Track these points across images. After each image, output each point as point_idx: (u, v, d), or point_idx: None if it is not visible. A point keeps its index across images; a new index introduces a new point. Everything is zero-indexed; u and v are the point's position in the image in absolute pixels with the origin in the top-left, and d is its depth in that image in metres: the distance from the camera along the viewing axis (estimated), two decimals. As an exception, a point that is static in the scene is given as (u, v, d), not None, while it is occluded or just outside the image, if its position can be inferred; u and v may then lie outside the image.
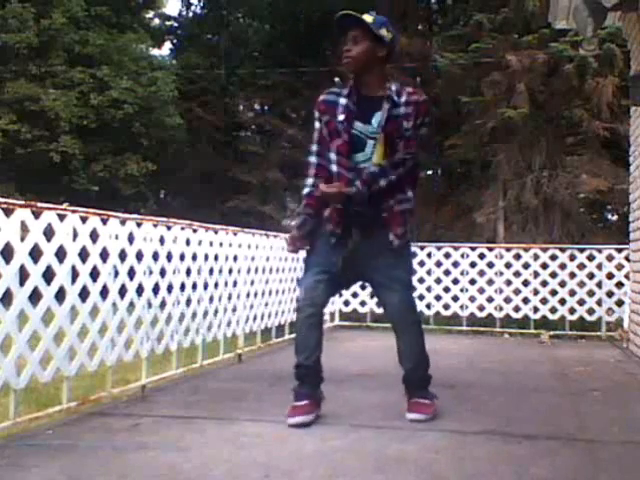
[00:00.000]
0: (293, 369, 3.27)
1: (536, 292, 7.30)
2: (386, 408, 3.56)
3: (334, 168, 3.21)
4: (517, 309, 7.40)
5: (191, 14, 21.73)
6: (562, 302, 7.27)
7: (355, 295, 7.60)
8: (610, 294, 7.07)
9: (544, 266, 7.27)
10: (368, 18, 3.16)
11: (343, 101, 3.20)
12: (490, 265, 7.44)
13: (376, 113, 3.15)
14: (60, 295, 3.18)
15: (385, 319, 3.66)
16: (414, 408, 3.28)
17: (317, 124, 3.29)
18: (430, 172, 16.30)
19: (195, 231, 4.53)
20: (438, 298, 7.47)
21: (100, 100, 15.35)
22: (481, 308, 7.48)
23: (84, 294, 3.37)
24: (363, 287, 7.15)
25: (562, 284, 7.31)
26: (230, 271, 5.03)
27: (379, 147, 3.15)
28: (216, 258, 4.80)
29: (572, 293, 7.30)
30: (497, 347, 6.52)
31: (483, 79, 13.17)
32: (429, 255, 7.45)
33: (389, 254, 3.20)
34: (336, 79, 3.35)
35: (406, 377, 3.34)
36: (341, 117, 3.17)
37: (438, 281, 7.47)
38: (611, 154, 13.12)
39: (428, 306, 7.46)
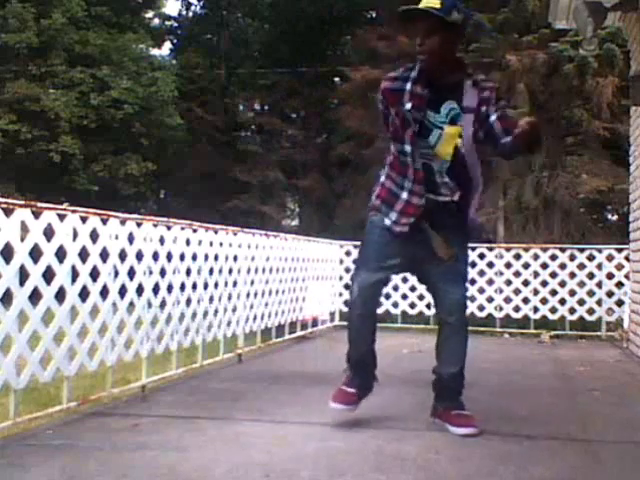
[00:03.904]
0: (345, 356, 3.21)
1: (536, 292, 7.30)
2: (386, 408, 3.55)
3: (408, 160, 3.00)
4: (517, 309, 7.40)
5: (191, 14, 21.78)
6: (562, 302, 7.27)
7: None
8: (610, 294, 7.07)
9: (544, 266, 7.27)
10: (435, 3, 2.85)
11: (409, 86, 2.96)
12: (490, 265, 7.43)
13: (447, 101, 2.95)
14: (60, 295, 3.18)
15: (383, 319, 3.61)
16: (461, 421, 3.04)
17: (381, 107, 3.07)
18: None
19: (195, 231, 4.53)
20: (438, 298, 7.46)
21: (100, 100, 15.38)
22: (481, 308, 7.48)
23: (84, 294, 3.37)
24: None
25: (562, 284, 7.31)
26: (230, 271, 5.03)
27: (448, 140, 2.96)
28: (216, 258, 4.80)
29: (572, 293, 7.30)
30: (497, 347, 6.52)
31: (483, 79, 13.15)
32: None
33: (456, 247, 3.08)
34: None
35: (444, 383, 3.16)
36: (408, 105, 2.95)
37: (438, 281, 7.45)
38: (611, 154, 13.12)
39: (428, 306, 7.45)
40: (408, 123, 2.97)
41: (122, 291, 3.69)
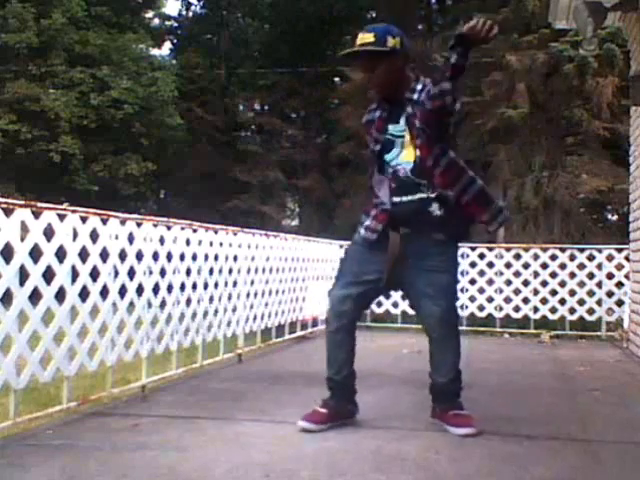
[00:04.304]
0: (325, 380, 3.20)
1: (536, 292, 7.30)
2: (386, 408, 3.56)
3: (383, 174, 3.16)
4: (517, 309, 7.40)
5: (191, 14, 21.76)
6: (562, 302, 7.27)
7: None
8: (610, 294, 7.07)
9: (544, 266, 7.27)
10: (369, 38, 3.02)
11: (377, 114, 3.20)
12: (490, 265, 7.43)
13: (405, 111, 3.10)
14: (60, 295, 3.18)
15: (386, 319, 3.57)
16: (459, 421, 3.07)
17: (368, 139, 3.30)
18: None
19: (195, 231, 4.53)
20: (438, 298, 7.45)
21: (100, 100, 15.36)
22: (481, 308, 7.48)
23: (84, 294, 3.37)
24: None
25: (562, 284, 7.31)
26: (230, 271, 5.03)
27: (408, 146, 3.07)
28: (216, 258, 4.80)
29: (572, 293, 7.30)
30: (497, 347, 6.52)
31: (483, 79, 13.17)
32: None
33: (435, 256, 3.05)
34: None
35: (439, 388, 3.17)
36: (373, 130, 3.19)
37: (438, 281, 7.44)
38: (611, 154, 13.12)
39: (428, 306, 7.45)
40: (375, 144, 3.17)
41: (122, 291, 3.69)
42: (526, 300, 7.36)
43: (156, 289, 4.03)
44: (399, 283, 3.21)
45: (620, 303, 6.96)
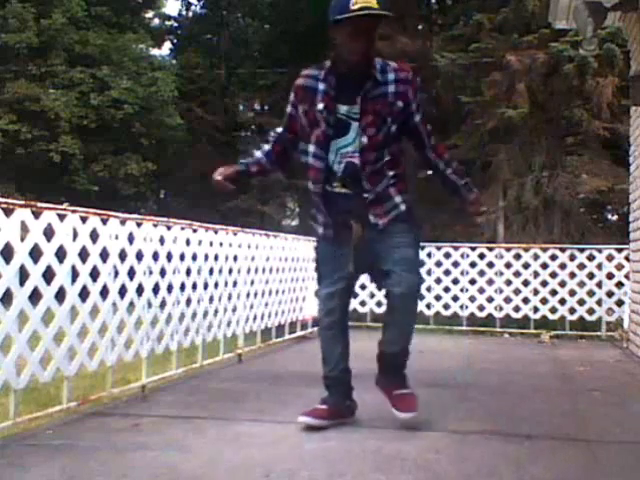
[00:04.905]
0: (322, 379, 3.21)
1: (536, 292, 7.30)
2: (386, 408, 3.55)
3: (310, 160, 3.03)
4: (517, 309, 7.40)
5: (191, 14, 21.76)
6: (562, 302, 7.27)
7: (355, 295, 7.56)
8: (610, 294, 7.07)
9: (544, 266, 7.27)
10: (372, 3, 2.78)
11: (322, 86, 2.95)
12: (490, 265, 7.43)
13: (361, 92, 2.90)
14: (60, 295, 3.18)
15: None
16: (404, 405, 3.07)
17: (290, 109, 3.05)
18: (430, 172, 16.33)
19: (195, 231, 4.53)
20: (438, 298, 7.47)
21: (100, 100, 15.37)
22: (481, 308, 7.48)
23: (84, 294, 3.37)
24: (363, 286, 7.21)
25: (562, 284, 7.31)
26: (230, 271, 5.03)
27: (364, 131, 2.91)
28: (216, 258, 4.80)
29: (572, 293, 7.30)
30: (497, 347, 6.52)
31: (483, 79, 13.17)
32: (429, 255, 7.44)
33: (396, 234, 2.97)
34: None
35: (390, 360, 3.17)
36: (320, 106, 2.93)
37: (438, 281, 7.46)
38: (611, 154, 13.12)
39: (428, 306, 7.46)
40: (317, 123, 2.95)
41: (122, 291, 3.69)
42: (526, 300, 7.36)
43: (156, 289, 4.03)
44: (368, 265, 3.10)
45: (620, 303, 6.96)
